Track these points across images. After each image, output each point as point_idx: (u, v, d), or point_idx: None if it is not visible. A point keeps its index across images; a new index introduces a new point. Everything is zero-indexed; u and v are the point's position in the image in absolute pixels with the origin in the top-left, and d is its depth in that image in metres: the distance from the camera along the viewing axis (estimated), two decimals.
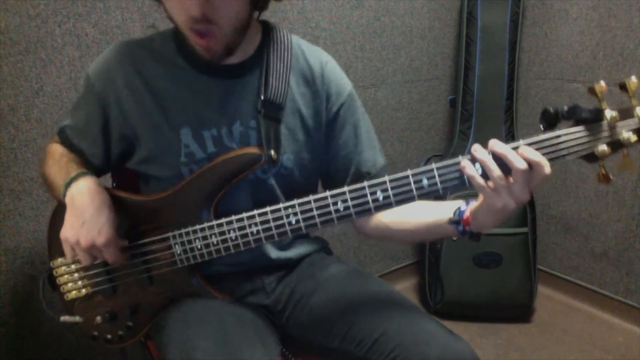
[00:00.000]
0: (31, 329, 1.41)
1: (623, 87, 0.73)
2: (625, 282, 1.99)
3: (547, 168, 0.72)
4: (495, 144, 0.73)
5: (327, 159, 1.03)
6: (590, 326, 2.01)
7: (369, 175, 1.02)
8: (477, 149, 0.74)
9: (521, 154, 0.72)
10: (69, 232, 0.87)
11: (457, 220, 0.85)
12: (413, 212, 0.91)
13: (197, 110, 0.93)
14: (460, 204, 0.87)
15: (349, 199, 0.82)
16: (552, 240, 2.22)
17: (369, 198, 0.81)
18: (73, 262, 0.98)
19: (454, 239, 0.90)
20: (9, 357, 1.40)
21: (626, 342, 1.91)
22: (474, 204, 0.84)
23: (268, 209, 0.87)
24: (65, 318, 1.01)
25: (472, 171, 0.74)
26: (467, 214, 0.84)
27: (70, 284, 1.00)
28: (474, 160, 0.75)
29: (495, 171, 0.73)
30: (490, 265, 1.94)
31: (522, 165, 0.71)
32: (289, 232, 0.86)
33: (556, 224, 2.19)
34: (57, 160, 0.97)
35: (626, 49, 1.82)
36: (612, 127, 0.73)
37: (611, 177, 0.75)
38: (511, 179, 0.73)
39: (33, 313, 1.40)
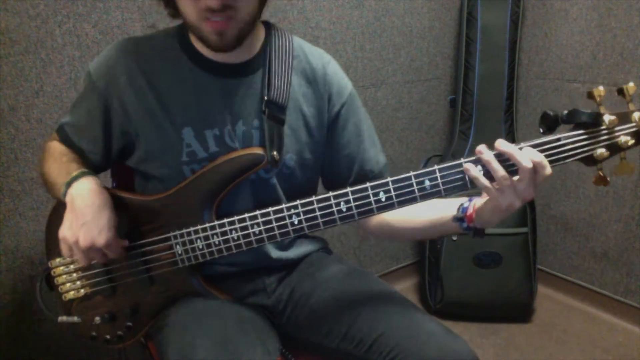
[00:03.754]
0: (31, 328, 1.41)
1: (621, 92, 0.75)
2: (625, 282, 1.99)
3: (547, 169, 0.74)
4: (502, 144, 0.75)
5: (329, 159, 1.04)
6: (590, 326, 2.01)
7: (372, 173, 1.03)
8: (482, 151, 0.76)
9: (526, 153, 0.74)
10: (67, 231, 0.87)
11: (461, 217, 0.86)
12: (416, 210, 0.90)
13: (200, 109, 0.92)
14: (463, 200, 0.88)
15: (351, 200, 0.82)
16: (552, 240, 2.22)
17: (372, 199, 0.81)
18: (72, 262, 0.98)
19: (454, 238, 0.91)
20: (8, 357, 1.39)
21: (626, 342, 1.91)
22: (477, 200, 0.85)
23: (270, 209, 0.87)
24: (63, 318, 1.01)
25: (476, 172, 0.76)
26: (470, 210, 0.85)
27: (68, 284, 1.00)
28: (477, 161, 0.77)
29: (500, 171, 0.75)
30: (490, 265, 1.94)
31: (528, 164, 0.73)
32: (291, 232, 0.87)
33: (556, 224, 2.19)
34: (57, 159, 0.96)
35: (626, 49, 1.82)
36: (610, 131, 0.75)
37: (608, 180, 0.78)
38: (515, 179, 0.75)
39: (33, 313, 1.40)
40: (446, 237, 1.93)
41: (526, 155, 0.74)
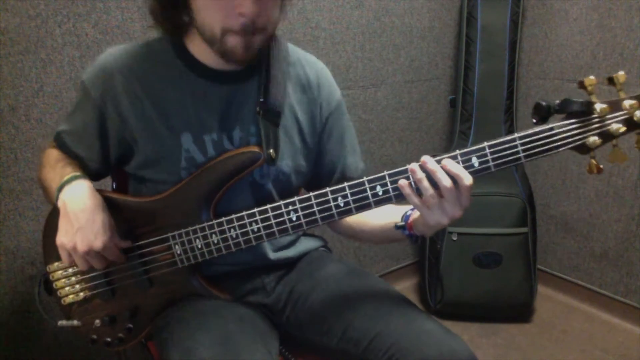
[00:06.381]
0: (31, 329, 1.41)
1: (611, 81, 0.76)
2: (625, 282, 1.99)
3: (466, 180, 0.76)
4: (428, 162, 0.78)
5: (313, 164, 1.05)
6: (590, 326, 2.01)
7: (351, 180, 1.04)
8: (415, 169, 0.78)
9: (444, 167, 0.77)
10: (64, 237, 0.86)
11: (402, 226, 0.90)
12: (371, 214, 0.92)
13: (198, 115, 0.92)
14: (407, 208, 0.91)
15: (349, 195, 0.83)
16: (552, 240, 2.22)
17: (369, 193, 0.82)
18: (70, 266, 0.97)
19: (454, 238, 0.91)
20: (9, 358, 1.39)
21: (626, 342, 1.91)
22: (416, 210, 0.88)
23: (268, 206, 0.87)
24: (62, 323, 1.00)
25: (409, 190, 0.79)
26: (410, 219, 0.89)
27: (67, 288, 0.99)
28: (411, 176, 0.79)
29: (429, 190, 0.77)
30: (490, 265, 1.94)
31: (447, 182, 0.76)
32: (289, 228, 0.87)
33: (556, 224, 2.19)
34: (53, 165, 0.96)
35: (626, 49, 1.82)
36: (602, 119, 0.76)
37: (602, 167, 0.78)
38: (442, 197, 0.77)
39: (33, 313, 1.40)
40: (397, 242, 1.91)
41: (444, 169, 0.76)
